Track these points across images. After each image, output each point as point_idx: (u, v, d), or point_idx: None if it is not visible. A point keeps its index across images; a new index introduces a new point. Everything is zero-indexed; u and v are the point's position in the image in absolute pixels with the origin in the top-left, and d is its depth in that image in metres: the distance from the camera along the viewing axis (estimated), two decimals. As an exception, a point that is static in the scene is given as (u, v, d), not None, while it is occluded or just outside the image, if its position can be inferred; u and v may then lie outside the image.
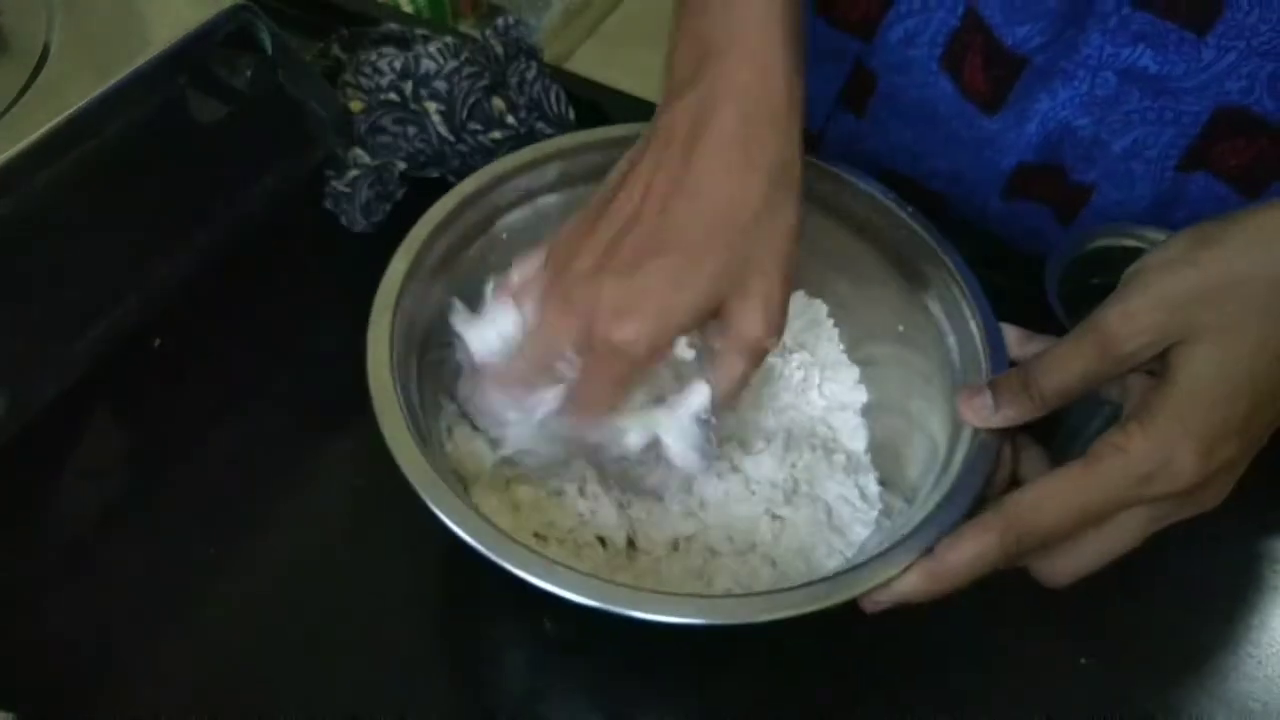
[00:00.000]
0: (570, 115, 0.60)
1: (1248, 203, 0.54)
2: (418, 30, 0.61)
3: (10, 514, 0.47)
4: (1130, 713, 0.44)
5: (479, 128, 0.58)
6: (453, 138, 0.58)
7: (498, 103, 0.58)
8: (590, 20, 2.03)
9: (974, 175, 0.60)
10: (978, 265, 0.45)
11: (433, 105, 0.57)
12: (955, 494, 0.39)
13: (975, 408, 0.40)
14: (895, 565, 0.37)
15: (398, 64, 0.58)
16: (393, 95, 0.58)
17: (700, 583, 0.44)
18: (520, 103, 0.59)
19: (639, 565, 0.45)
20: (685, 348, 0.40)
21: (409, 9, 1.69)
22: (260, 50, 0.52)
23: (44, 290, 0.47)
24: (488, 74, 0.58)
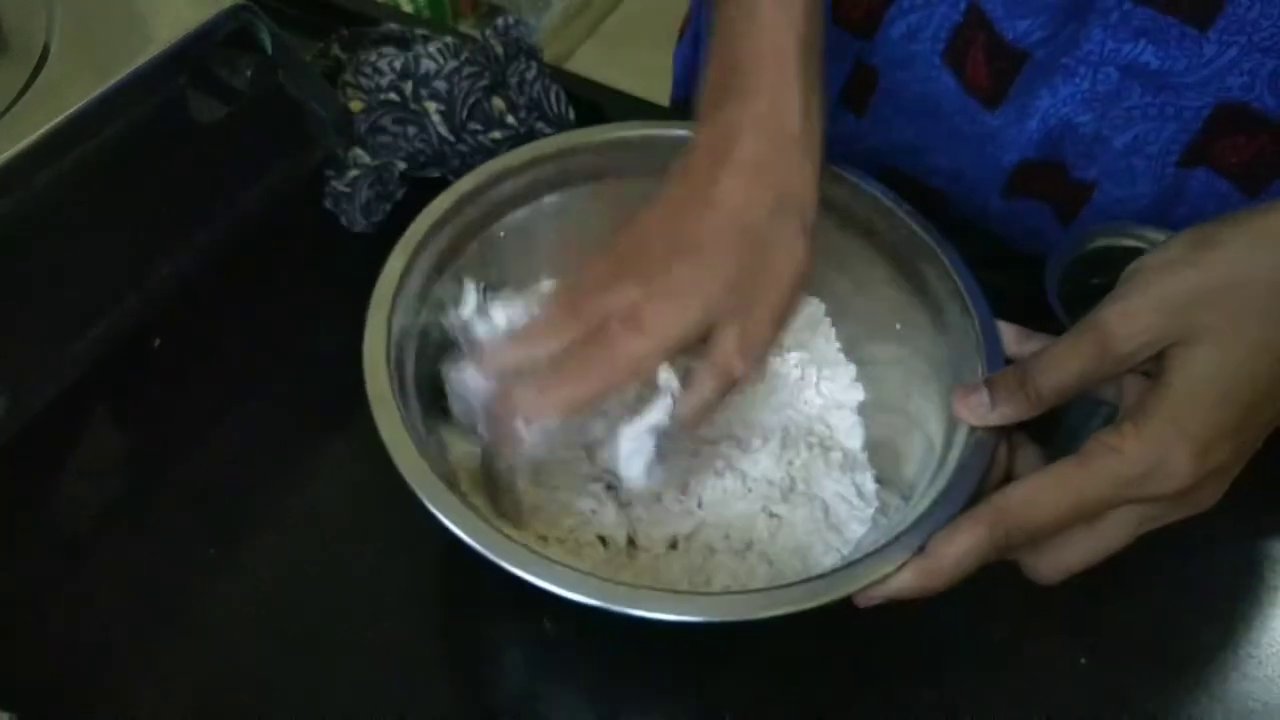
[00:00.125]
0: (570, 115, 0.60)
1: (1248, 200, 0.54)
2: (418, 30, 0.61)
3: (10, 514, 0.48)
4: (1130, 713, 0.44)
5: (479, 128, 0.58)
6: (453, 138, 0.58)
7: (498, 103, 0.58)
8: (590, 20, 2.03)
9: (975, 173, 0.60)
10: (978, 265, 0.45)
11: (433, 105, 0.57)
12: (951, 492, 0.39)
13: (972, 406, 0.40)
14: (890, 562, 0.37)
15: (398, 64, 0.58)
16: (393, 95, 0.58)
17: (699, 580, 0.44)
18: (520, 103, 0.59)
19: (638, 564, 0.45)
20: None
21: (409, 9, 1.70)
22: (260, 50, 0.52)
23: (44, 290, 0.47)
24: (488, 74, 0.58)
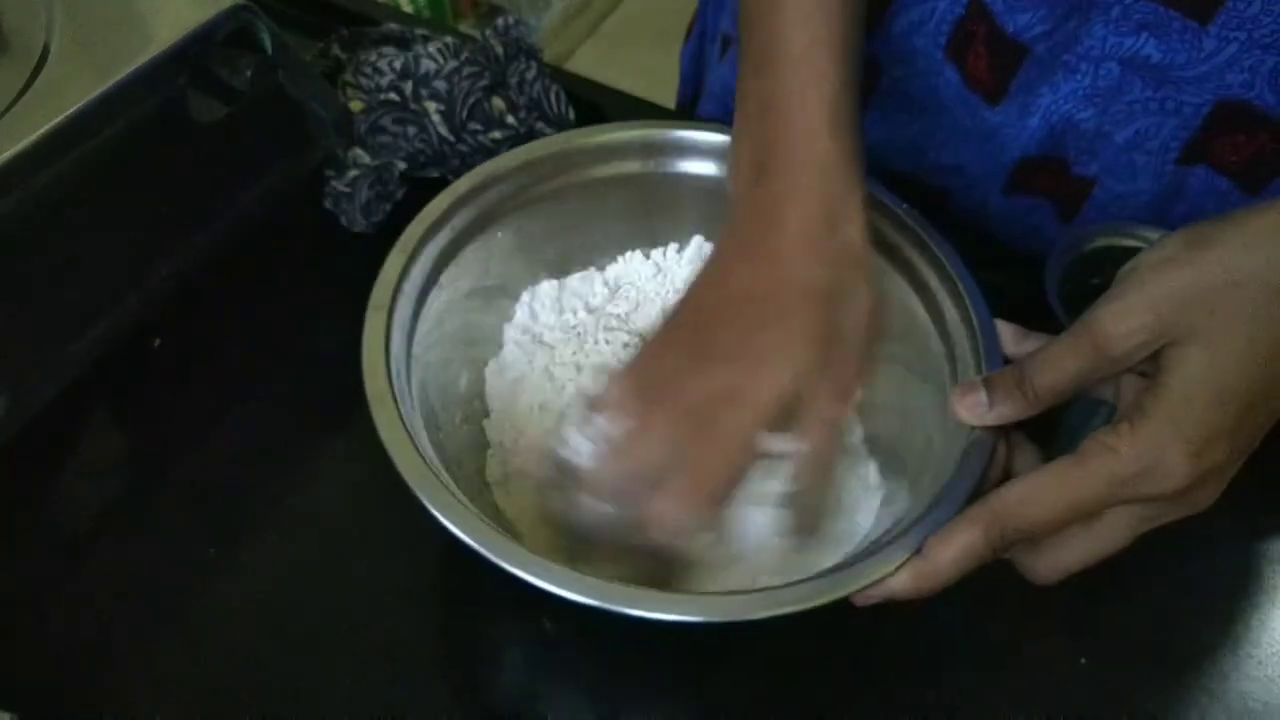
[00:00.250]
0: (570, 115, 0.60)
1: (1249, 198, 0.54)
2: (418, 30, 0.61)
3: (10, 514, 0.48)
4: (1130, 713, 0.44)
5: (479, 128, 0.58)
6: (453, 138, 0.58)
7: (498, 103, 0.58)
8: (590, 20, 2.03)
9: (977, 170, 0.60)
10: (977, 265, 0.45)
11: (433, 105, 0.57)
12: (949, 492, 0.39)
13: (969, 405, 0.40)
14: (889, 562, 0.37)
15: (398, 64, 0.58)
16: (393, 95, 0.58)
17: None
18: (520, 103, 0.59)
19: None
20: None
21: (409, 9, 1.69)
22: (260, 50, 0.52)
23: (44, 290, 0.47)
24: (488, 74, 0.58)
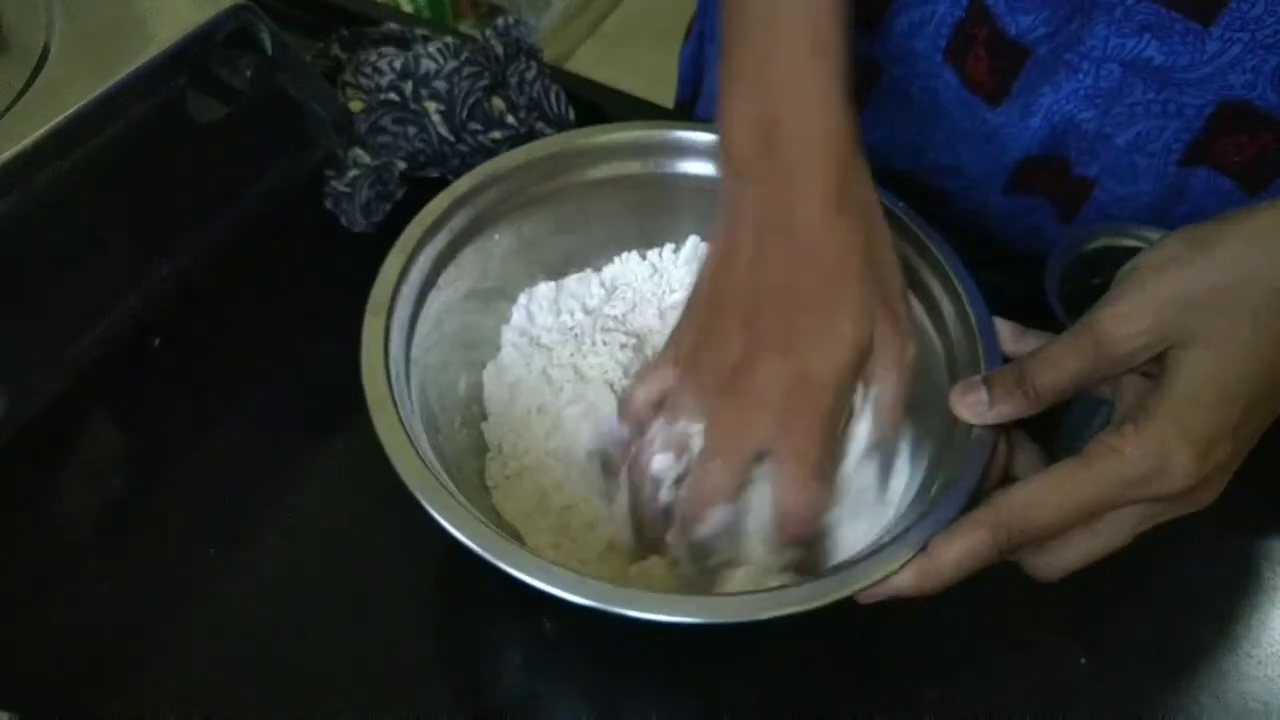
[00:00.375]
0: (570, 115, 0.60)
1: (1250, 199, 0.54)
2: (418, 30, 0.61)
3: (10, 514, 0.47)
4: (1130, 713, 0.44)
5: (479, 128, 0.58)
6: (453, 138, 0.58)
7: (498, 103, 0.58)
8: (590, 20, 2.03)
9: (977, 170, 0.60)
10: (977, 265, 0.45)
11: (433, 105, 0.57)
12: (950, 490, 0.39)
13: (970, 404, 0.40)
14: (891, 562, 0.37)
15: (398, 64, 0.58)
16: (393, 95, 0.58)
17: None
18: (520, 103, 0.59)
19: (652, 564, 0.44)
20: None
21: (409, 9, 1.70)
22: (260, 50, 0.52)
23: (44, 290, 0.47)
24: (488, 74, 0.58)
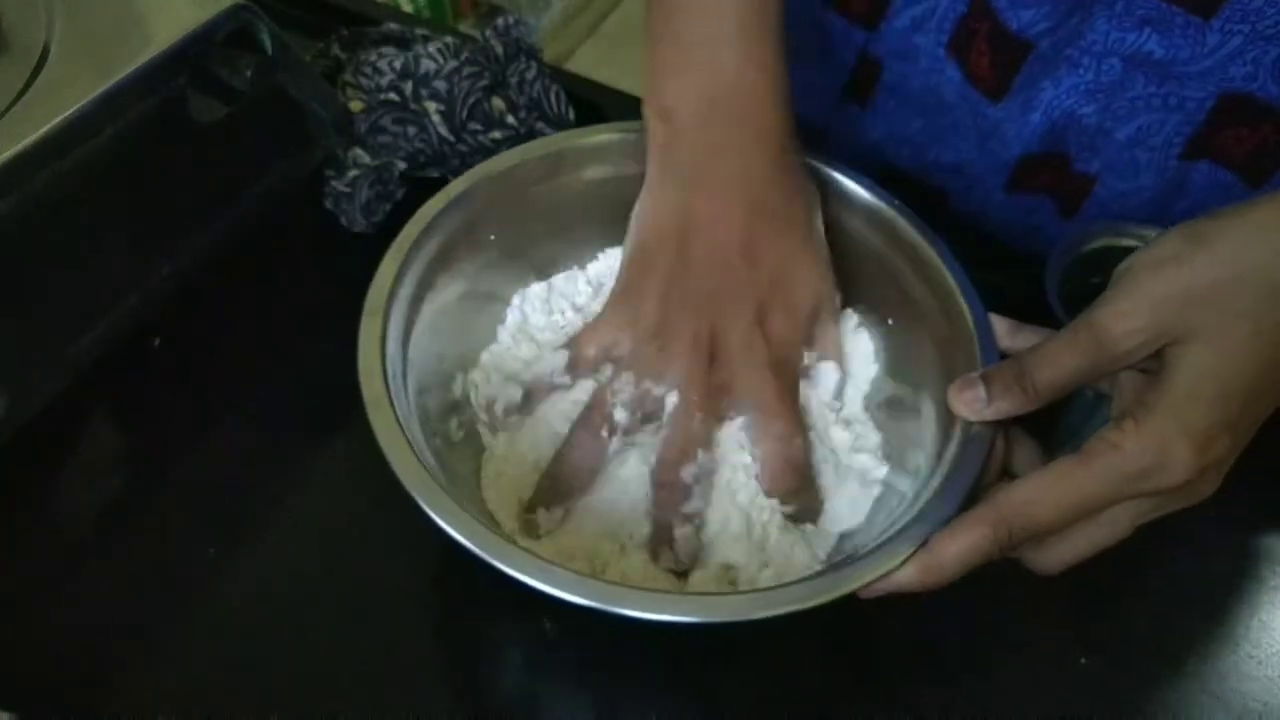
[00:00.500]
0: (570, 115, 0.60)
1: (1251, 192, 0.54)
2: (418, 30, 0.61)
3: (10, 514, 0.48)
4: (1130, 713, 0.44)
5: (479, 128, 0.58)
6: (453, 138, 0.58)
7: (498, 103, 0.58)
8: (590, 20, 2.03)
9: (978, 167, 0.60)
10: (977, 265, 0.45)
11: (433, 105, 0.57)
12: (948, 487, 0.39)
13: (968, 400, 0.40)
14: (891, 559, 0.37)
15: (398, 64, 0.58)
16: (393, 95, 0.58)
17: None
18: (520, 103, 0.59)
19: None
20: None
21: (409, 9, 1.70)
22: (260, 50, 0.52)
23: (44, 290, 0.47)
24: (488, 74, 0.58)
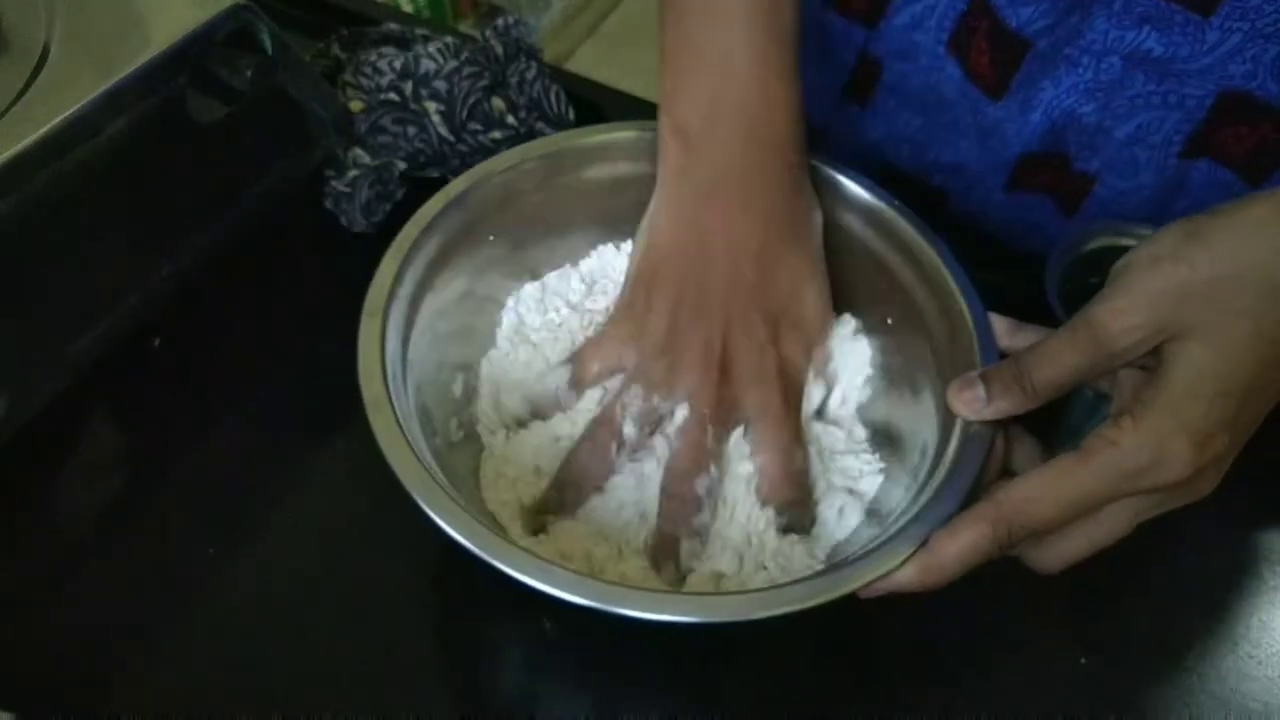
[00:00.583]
0: (570, 115, 0.60)
1: (1251, 190, 0.54)
2: (418, 30, 0.61)
3: (10, 514, 0.48)
4: (1130, 713, 0.44)
5: (479, 128, 0.58)
6: (453, 138, 0.58)
7: (498, 103, 0.58)
8: (590, 20, 2.03)
9: (978, 167, 0.60)
10: (977, 265, 0.45)
11: (433, 105, 0.57)
12: (948, 486, 0.39)
13: (967, 400, 0.40)
14: (891, 558, 0.37)
15: (398, 64, 0.58)
16: (393, 95, 0.58)
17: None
18: (520, 103, 0.59)
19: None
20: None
21: (409, 9, 1.70)
22: (260, 50, 0.52)
23: (44, 290, 0.47)
24: (488, 74, 0.58)
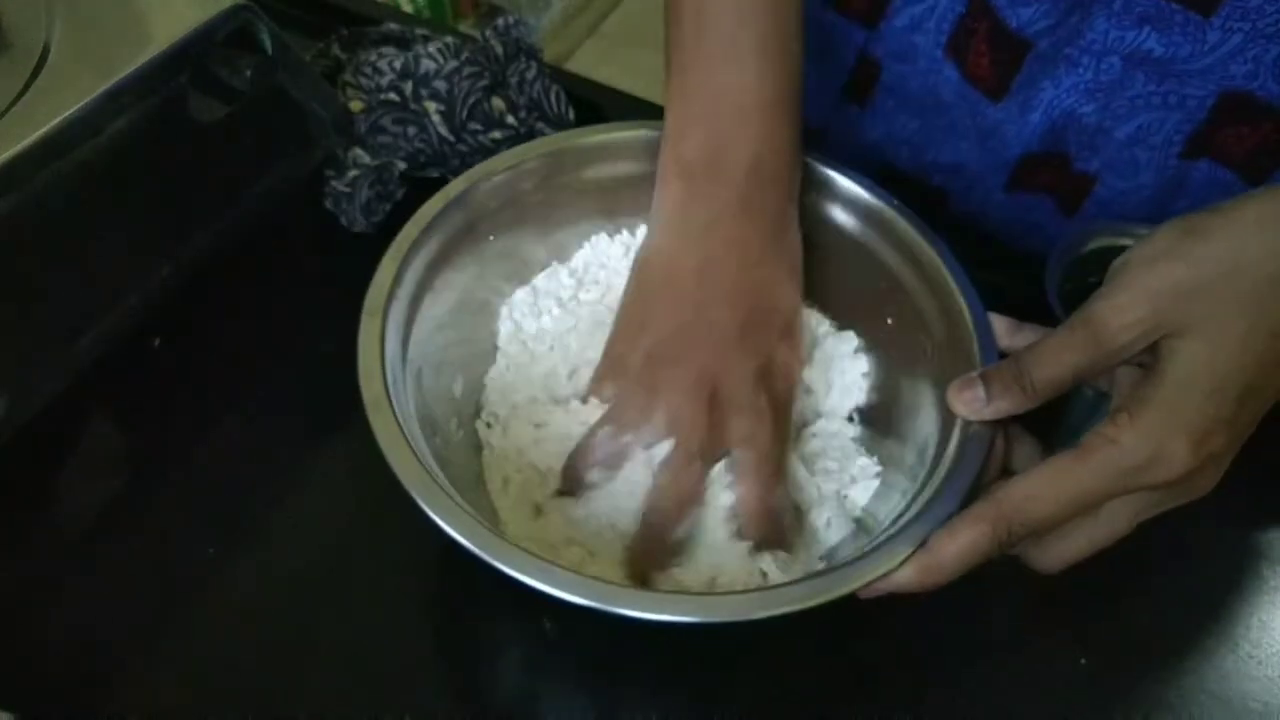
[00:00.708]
0: (570, 115, 0.60)
1: (1251, 190, 0.54)
2: (418, 30, 0.61)
3: (10, 514, 0.47)
4: (1130, 713, 0.44)
5: (479, 128, 0.58)
6: (453, 138, 0.58)
7: (498, 103, 0.58)
8: (590, 20, 2.03)
9: (978, 167, 0.60)
10: (977, 265, 0.45)
11: (433, 105, 0.57)
12: (948, 487, 0.39)
13: (967, 400, 0.40)
14: (890, 559, 0.37)
15: (398, 64, 0.58)
16: (393, 95, 0.58)
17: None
18: (520, 103, 0.59)
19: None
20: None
21: (409, 9, 1.69)
22: (260, 50, 0.52)
23: (44, 290, 0.47)
24: (488, 74, 0.58)
